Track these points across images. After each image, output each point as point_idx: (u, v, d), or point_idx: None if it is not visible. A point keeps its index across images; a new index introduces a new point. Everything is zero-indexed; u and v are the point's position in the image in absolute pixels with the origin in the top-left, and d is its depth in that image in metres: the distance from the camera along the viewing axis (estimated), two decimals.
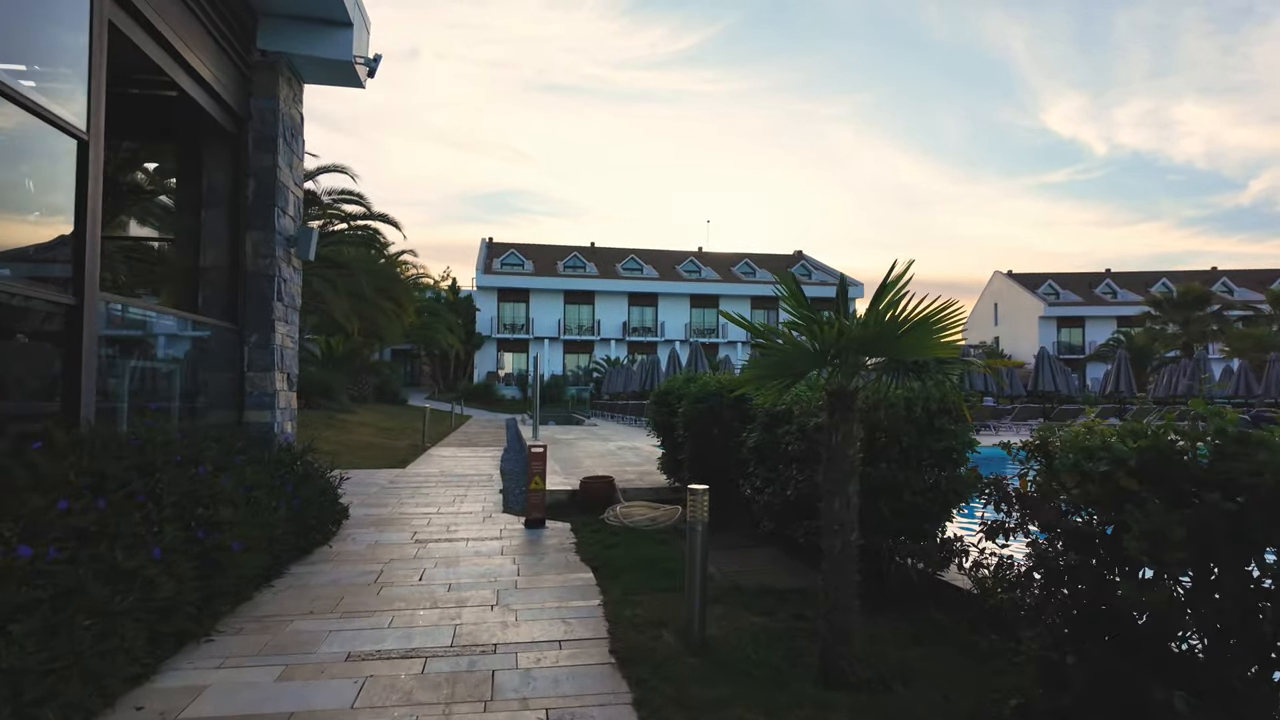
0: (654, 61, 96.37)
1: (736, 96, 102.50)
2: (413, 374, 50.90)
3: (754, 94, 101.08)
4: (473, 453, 14.42)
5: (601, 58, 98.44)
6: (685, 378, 7.67)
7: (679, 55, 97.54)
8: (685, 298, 51.96)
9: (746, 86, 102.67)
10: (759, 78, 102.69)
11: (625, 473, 9.52)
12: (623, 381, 31.17)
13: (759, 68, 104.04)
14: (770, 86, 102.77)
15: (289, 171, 6.56)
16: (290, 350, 6.68)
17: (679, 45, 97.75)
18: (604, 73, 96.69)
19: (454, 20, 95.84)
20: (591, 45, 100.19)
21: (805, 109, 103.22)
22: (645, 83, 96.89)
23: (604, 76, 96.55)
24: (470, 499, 8.43)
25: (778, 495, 4.87)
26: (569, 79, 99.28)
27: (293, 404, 6.78)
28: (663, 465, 8.04)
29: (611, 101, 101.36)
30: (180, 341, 5.64)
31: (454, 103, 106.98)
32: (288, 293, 6.55)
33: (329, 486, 6.26)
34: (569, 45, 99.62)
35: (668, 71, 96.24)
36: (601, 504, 7.61)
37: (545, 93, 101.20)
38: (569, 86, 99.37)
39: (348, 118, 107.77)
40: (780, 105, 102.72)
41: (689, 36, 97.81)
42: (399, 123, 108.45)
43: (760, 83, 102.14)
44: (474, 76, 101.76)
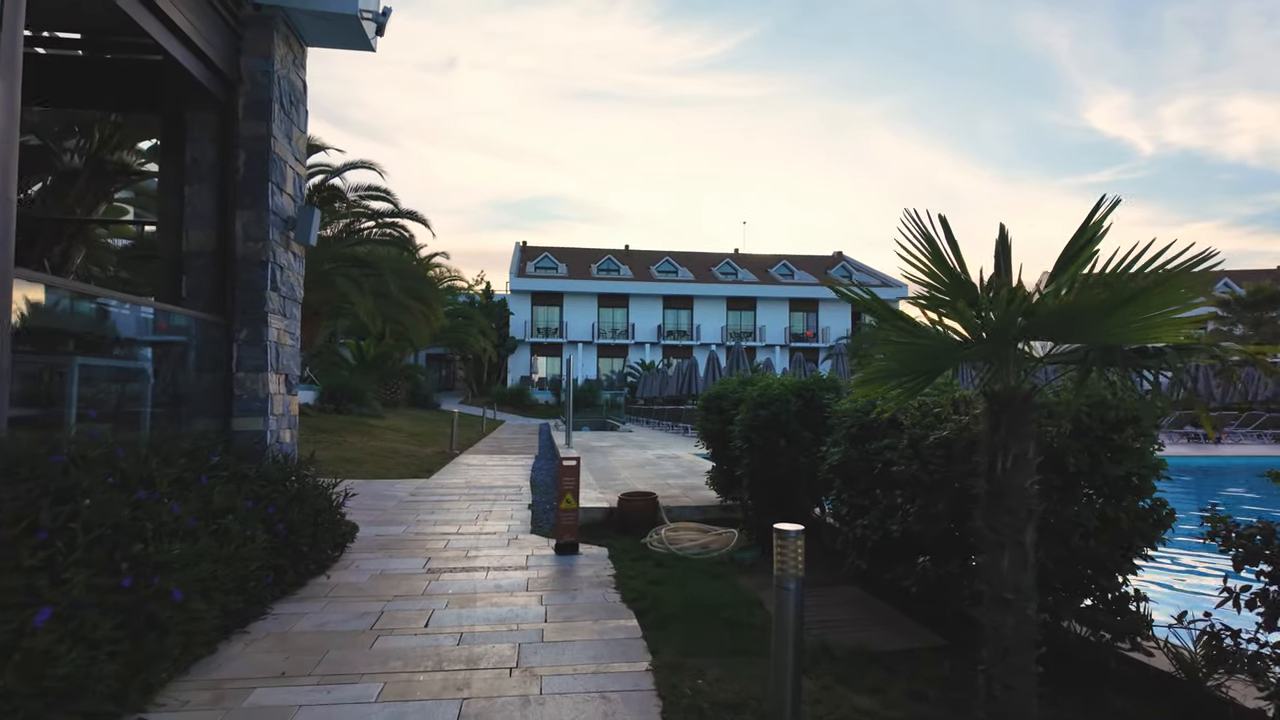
0: (686, 67, 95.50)
1: (769, 100, 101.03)
2: (447, 378, 50.62)
3: (787, 97, 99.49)
4: (501, 461, 13.57)
5: (633, 64, 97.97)
6: (740, 379, 6.64)
7: (711, 60, 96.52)
8: (721, 300, 50.77)
9: (779, 90, 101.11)
10: (792, 81, 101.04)
11: (668, 487, 8.51)
12: (658, 386, 30.17)
13: (792, 71, 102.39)
14: (803, 90, 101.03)
15: (287, 144, 5.74)
16: (289, 349, 5.85)
17: (711, 51, 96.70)
18: (636, 79, 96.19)
19: (490, 30, 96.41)
20: (623, 52, 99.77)
21: (840, 111, 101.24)
22: (677, 88, 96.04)
23: (636, 83, 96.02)
24: (495, 516, 7.52)
25: (875, 528, 3.82)
26: (602, 86, 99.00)
27: (292, 409, 5.94)
28: (713, 480, 7.01)
29: (644, 107, 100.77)
30: (154, 336, 4.82)
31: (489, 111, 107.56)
32: (285, 282, 5.71)
33: (329, 505, 5.39)
34: (601, 53, 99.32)
35: (700, 77, 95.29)
36: (642, 525, 6.62)
37: (578, 100, 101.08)
38: (602, 93, 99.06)
39: (385, 127, 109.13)
40: (814, 108, 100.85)
41: (720, 42, 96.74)
42: (435, 131, 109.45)
43: (793, 86, 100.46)
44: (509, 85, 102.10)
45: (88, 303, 4.16)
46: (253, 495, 4.50)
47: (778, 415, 5.37)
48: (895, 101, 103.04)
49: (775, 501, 5.62)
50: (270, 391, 5.42)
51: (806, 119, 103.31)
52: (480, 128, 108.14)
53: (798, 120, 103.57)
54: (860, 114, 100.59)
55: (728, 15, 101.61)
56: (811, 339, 51.26)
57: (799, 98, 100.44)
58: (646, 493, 7.01)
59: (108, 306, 4.29)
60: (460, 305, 36.92)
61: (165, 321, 4.95)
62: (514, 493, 9.29)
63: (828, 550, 5.69)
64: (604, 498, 7.60)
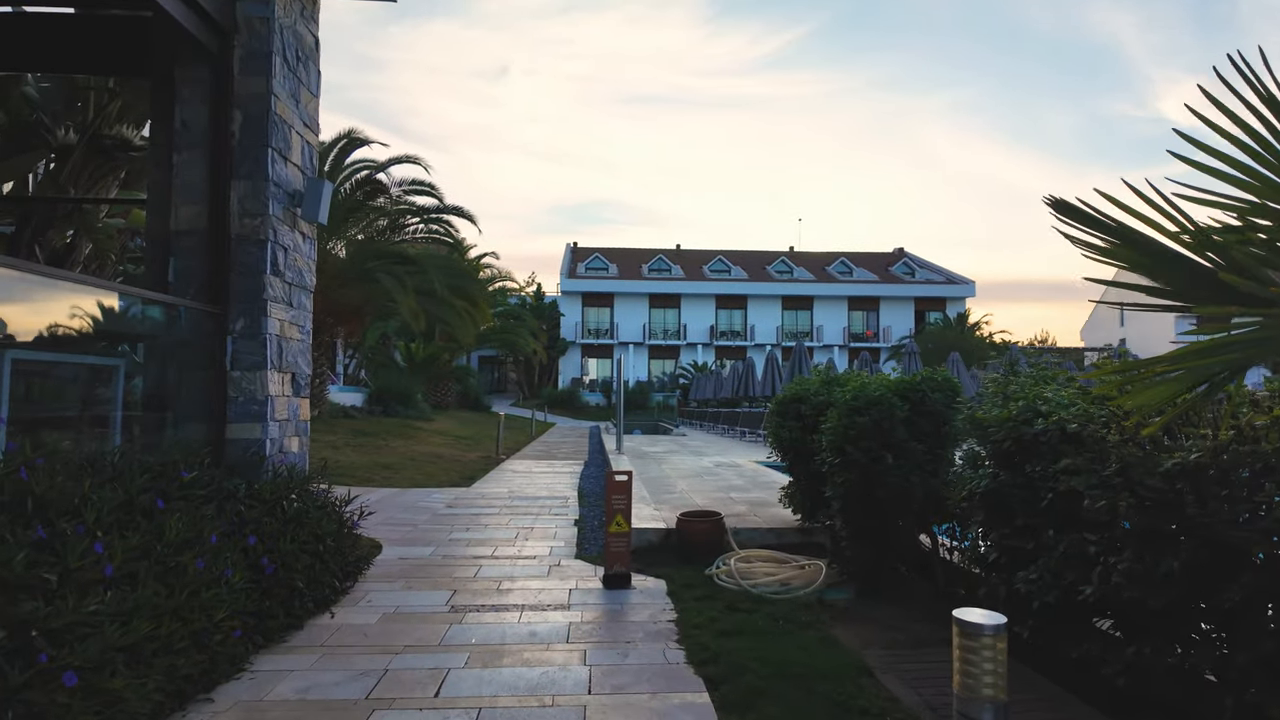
0: (737, 67, 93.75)
1: (824, 97, 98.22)
2: (499, 381, 50.54)
3: (842, 94, 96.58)
4: (549, 468, 12.72)
5: (685, 66, 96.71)
6: (822, 379, 5.55)
7: (763, 59, 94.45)
8: (776, 299, 49.21)
9: (834, 87, 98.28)
10: (847, 77, 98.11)
11: (732, 503, 7.46)
12: (712, 388, 29.04)
13: (847, 68, 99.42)
14: (860, 85, 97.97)
15: (292, 106, 4.94)
16: (296, 343, 5.05)
17: (763, 49, 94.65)
18: (687, 81, 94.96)
19: (543, 37, 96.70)
20: (675, 55, 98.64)
21: (897, 107, 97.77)
22: (729, 89, 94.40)
23: (687, 85, 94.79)
24: (537, 535, 6.60)
25: (1045, 585, 2.71)
26: (653, 89, 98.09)
27: (301, 414, 5.14)
28: (789, 498, 5.94)
29: (695, 109, 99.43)
30: (126, 328, 4.05)
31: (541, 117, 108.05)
32: (290, 265, 4.91)
33: (338, 528, 4.55)
34: (653, 56, 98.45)
35: (752, 76, 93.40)
36: (706, 551, 5.60)
37: (630, 104, 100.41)
38: (653, 97, 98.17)
39: (440, 134, 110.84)
40: (870, 104, 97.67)
41: (772, 40, 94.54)
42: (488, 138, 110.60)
43: (849, 82, 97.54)
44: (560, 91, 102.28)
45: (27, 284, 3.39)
46: (233, 521, 3.67)
47: (880, 423, 4.27)
48: (955, 95, 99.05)
49: (875, 530, 4.52)
50: (271, 393, 4.62)
51: (863, 115, 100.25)
52: (532, 134, 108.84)
53: (854, 117, 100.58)
54: (918, 109, 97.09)
55: (780, 13, 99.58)
56: (872, 339, 49.20)
57: (855, 94, 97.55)
58: (710, 512, 5.98)
59: (56, 289, 3.52)
60: (511, 307, 36.53)
61: (142, 311, 4.19)
62: (559, 505, 8.38)
63: (943, 594, 4.56)
64: (659, 515, 6.60)
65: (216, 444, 4.44)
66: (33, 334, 3.35)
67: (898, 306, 50.26)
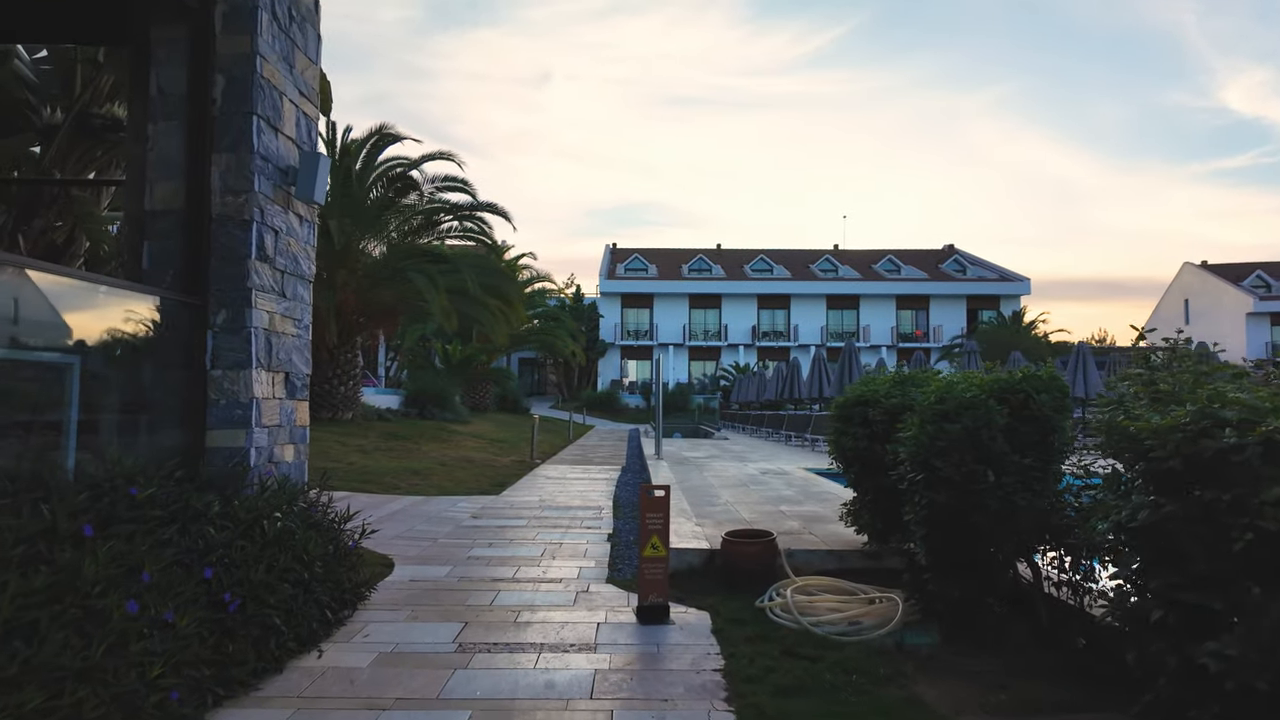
0: (778, 67, 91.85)
1: (867, 95, 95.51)
2: (538, 382, 50.37)
3: (884, 92, 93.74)
4: (584, 474, 12.09)
5: (725, 67, 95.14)
6: (893, 378, 4.75)
7: (804, 58, 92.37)
8: (820, 299, 47.87)
9: (877, 84, 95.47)
10: (891, 75, 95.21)
11: (782, 517, 6.68)
12: (755, 390, 28.12)
13: (890, 65, 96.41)
14: (903, 83, 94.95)
15: (284, 70, 4.38)
16: (291, 339, 4.48)
17: (803, 49, 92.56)
18: (727, 81, 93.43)
19: (583, 42, 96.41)
20: (714, 56, 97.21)
21: (941, 104, 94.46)
22: (769, 88, 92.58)
23: (728, 85, 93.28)
24: (565, 552, 5.94)
25: (1252, 663, 1.90)
26: (693, 91, 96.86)
27: (298, 419, 4.58)
28: (853, 515, 5.14)
29: (735, 110, 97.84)
30: (80, 321, 3.52)
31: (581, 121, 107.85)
32: (282, 250, 4.35)
33: (333, 549, 3.95)
34: (693, 58, 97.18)
35: (793, 76, 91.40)
36: (756, 576, 4.84)
37: (670, 106, 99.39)
38: (693, 98, 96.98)
39: (484, 141, 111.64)
40: (914, 102, 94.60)
41: (813, 40, 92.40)
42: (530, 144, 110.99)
43: (892, 80, 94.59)
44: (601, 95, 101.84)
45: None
46: (192, 548, 3.08)
47: (976, 432, 3.47)
48: (1001, 90, 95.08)
49: (965, 560, 3.71)
50: (257, 395, 4.05)
51: (906, 113, 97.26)
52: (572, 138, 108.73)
53: (896, 114, 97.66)
54: (964, 105, 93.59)
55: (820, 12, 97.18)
56: (922, 339, 47.47)
57: (898, 91, 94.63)
58: (761, 532, 5.22)
59: None
60: (549, 308, 36.17)
61: (104, 301, 3.65)
62: (593, 517, 7.71)
63: (1047, 638, 3.73)
64: (701, 532, 5.87)
65: (193, 454, 3.89)
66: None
67: (948, 305, 48.40)
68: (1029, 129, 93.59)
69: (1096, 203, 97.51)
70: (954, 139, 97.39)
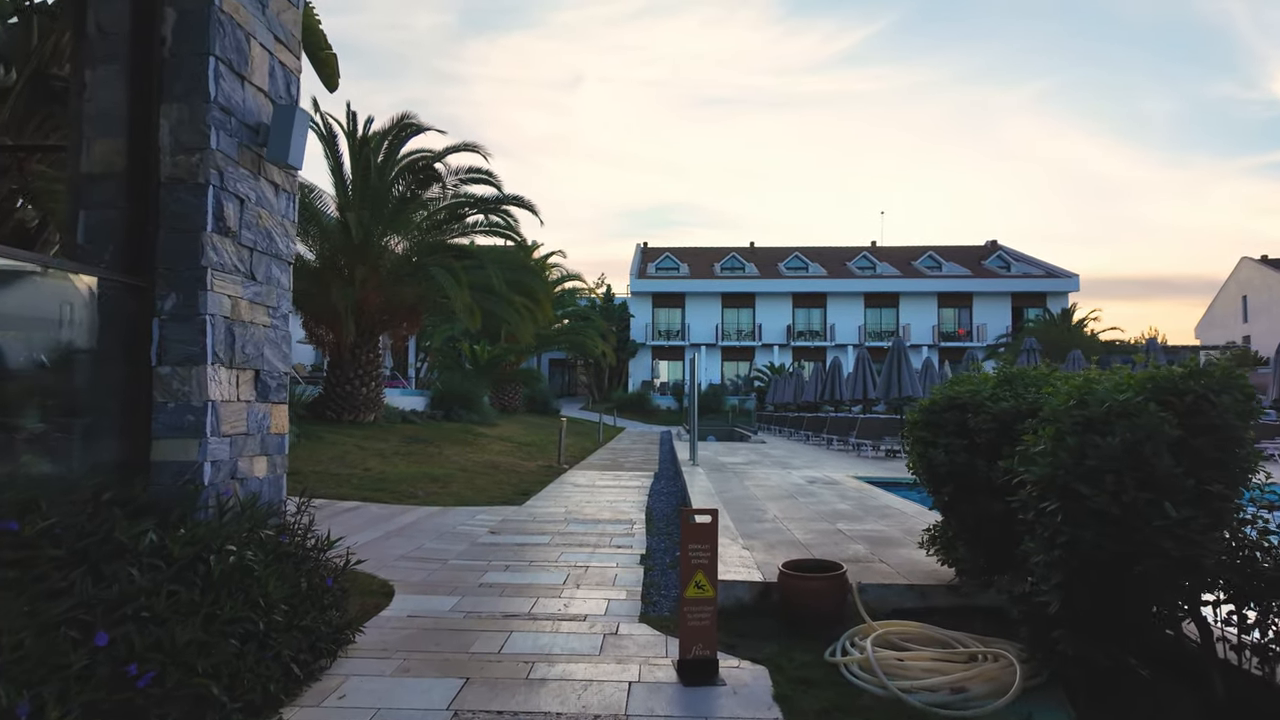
0: (811, 66, 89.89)
1: (903, 92, 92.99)
2: (568, 383, 49.82)
3: (921, 89, 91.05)
4: (615, 480, 11.29)
5: (757, 66, 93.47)
6: (996, 378, 3.83)
7: (836, 57, 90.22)
8: (858, 297, 46.43)
9: (913, 81, 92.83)
10: (926, 71, 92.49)
11: (844, 540, 5.77)
12: (792, 391, 27.06)
13: (926, 61, 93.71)
14: (939, 80, 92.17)
15: (253, 7, 3.65)
16: (263, 330, 3.75)
17: (836, 47, 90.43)
18: (760, 81, 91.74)
19: (615, 44, 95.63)
20: (747, 56, 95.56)
21: (980, 100, 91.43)
22: (802, 87, 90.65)
23: (760, 85, 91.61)
24: (592, 579, 5.13)
25: None
26: (725, 91, 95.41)
27: (273, 426, 3.84)
28: (940, 544, 4.23)
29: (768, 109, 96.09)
30: None
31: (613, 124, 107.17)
32: (250, 223, 3.62)
33: (297, 592, 3.20)
34: (724, 58, 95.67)
35: (826, 74, 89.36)
36: (822, 619, 3.98)
37: (702, 106, 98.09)
38: (725, 99, 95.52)
39: (516, 145, 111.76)
40: (951, 98, 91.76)
41: (847, 37, 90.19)
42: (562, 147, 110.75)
43: (928, 76, 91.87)
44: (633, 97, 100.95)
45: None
46: (99, 600, 2.34)
47: (1138, 447, 2.56)
48: (1040, 86, 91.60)
49: (1115, 616, 2.80)
50: (214, 396, 3.32)
51: (943, 109, 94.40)
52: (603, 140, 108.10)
53: (933, 111, 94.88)
54: (1003, 101, 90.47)
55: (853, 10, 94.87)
56: (965, 337, 45.74)
57: (935, 88, 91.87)
58: (826, 563, 4.33)
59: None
60: (580, 308, 35.52)
61: (27, 282, 2.94)
62: (623, 533, 6.90)
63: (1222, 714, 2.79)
64: (750, 558, 5.01)
65: (134, 470, 3.17)
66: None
67: (992, 302, 46.56)
68: (1070, 124, 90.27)
69: (1140, 198, 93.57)
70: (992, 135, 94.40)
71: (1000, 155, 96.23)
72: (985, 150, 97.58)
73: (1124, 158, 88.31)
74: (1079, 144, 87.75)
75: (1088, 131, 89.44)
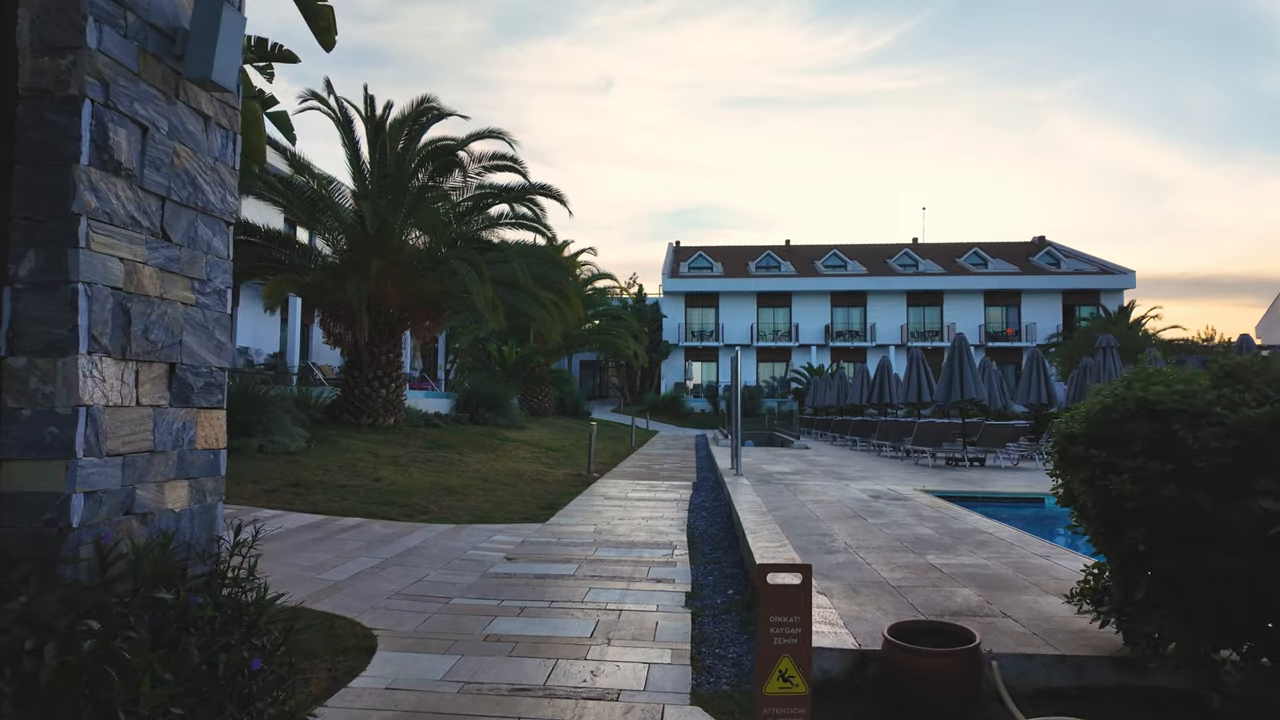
0: (844, 65, 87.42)
1: (939, 89, 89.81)
2: (600, 385, 48.92)
3: (957, 86, 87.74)
4: (649, 490, 10.21)
5: (789, 66, 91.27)
6: (1218, 371, 2.66)
7: (870, 55, 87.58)
8: (900, 295, 44.65)
9: (949, 79, 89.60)
10: (962, 69, 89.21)
11: (942, 579, 4.59)
12: (835, 393, 25.68)
13: (962, 58, 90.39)
14: (976, 76, 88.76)
15: None
16: (181, 310, 2.77)
17: (870, 46, 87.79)
18: (792, 80, 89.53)
19: (646, 47, 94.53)
20: (778, 55, 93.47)
21: (1019, 95, 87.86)
22: (835, 86, 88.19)
23: (792, 84, 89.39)
24: (626, 629, 4.06)
25: None
26: (755, 91, 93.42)
27: (198, 439, 2.85)
28: (1109, 601, 3.06)
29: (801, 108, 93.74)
30: None
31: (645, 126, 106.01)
32: (158, 161, 2.64)
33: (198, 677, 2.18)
34: (756, 58, 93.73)
35: (859, 73, 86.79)
36: (946, 709, 2.85)
37: (733, 107, 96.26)
38: (757, 99, 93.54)
39: (549, 149, 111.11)
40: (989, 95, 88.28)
41: (880, 35, 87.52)
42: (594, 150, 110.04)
43: (964, 74, 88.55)
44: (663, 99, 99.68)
45: None
46: None
47: None
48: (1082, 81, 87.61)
49: None
50: (90, 400, 2.33)
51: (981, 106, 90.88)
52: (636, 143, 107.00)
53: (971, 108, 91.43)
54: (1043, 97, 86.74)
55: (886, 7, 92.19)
56: (1013, 337, 43.65)
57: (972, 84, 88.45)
58: (946, 628, 3.18)
59: None
60: (611, 307, 34.54)
61: None
62: (663, 559, 5.82)
63: None
64: (832, 611, 3.88)
65: None
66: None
67: (1042, 300, 44.37)
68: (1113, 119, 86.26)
69: (1187, 195, 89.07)
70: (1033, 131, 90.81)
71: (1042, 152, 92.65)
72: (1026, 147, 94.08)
73: (1170, 153, 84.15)
74: (1123, 140, 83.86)
75: (1131, 127, 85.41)
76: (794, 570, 2.43)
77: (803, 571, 2.42)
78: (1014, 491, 9.55)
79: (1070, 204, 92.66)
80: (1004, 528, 6.37)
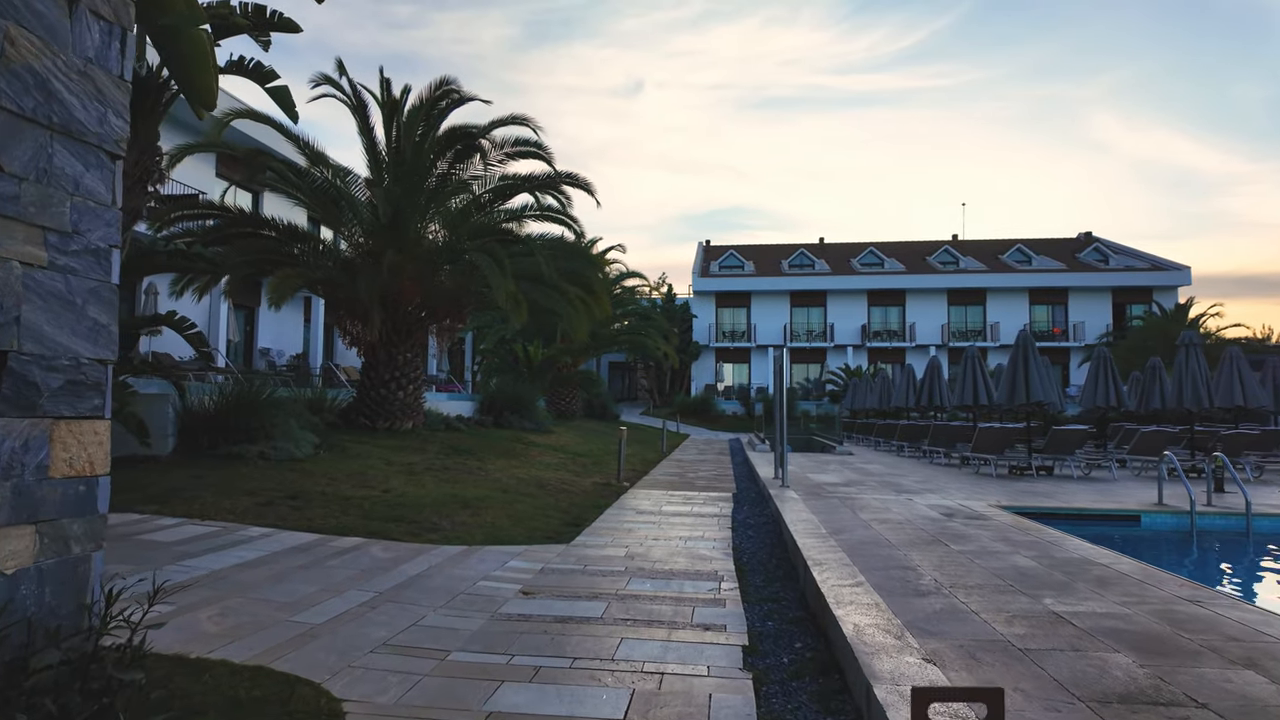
0: (876, 64, 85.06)
1: (973, 87, 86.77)
2: (629, 387, 48.03)
3: (992, 83, 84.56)
4: (686, 504, 9.22)
5: (820, 66, 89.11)
6: None
7: (903, 54, 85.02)
8: (940, 293, 42.97)
9: (983, 76, 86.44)
10: (996, 66, 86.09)
11: (1077, 637, 3.52)
12: (877, 395, 24.38)
13: (996, 55, 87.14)
14: (1012, 73, 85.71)
15: None
16: (14, 271, 1.86)
17: (902, 44, 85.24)
18: (823, 80, 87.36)
19: (675, 50, 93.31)
20: (809, 56, 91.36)
21: (1057, 91, 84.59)
22: (867, 85, 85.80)
23: (823, 84, 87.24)
24: (670, 702, 3.09)
25: None
26: (786, 92, 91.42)
27: (51, 465, 1.95)
28: None
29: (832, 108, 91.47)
30: None
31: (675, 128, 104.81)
32: None
33: None
34: (786, 59, 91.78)
35: (891, 72, 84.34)
36: None
37: (764, 108, 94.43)
38: (788, 99, 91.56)
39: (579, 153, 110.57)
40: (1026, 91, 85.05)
41: (911, 34, 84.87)
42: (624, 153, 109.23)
43: (998, 71, 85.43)
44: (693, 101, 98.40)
45: None
46: None
47: None
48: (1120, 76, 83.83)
49: None
50: None
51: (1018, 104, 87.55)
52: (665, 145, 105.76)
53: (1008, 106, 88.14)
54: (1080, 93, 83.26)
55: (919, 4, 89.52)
56: (1060, 336, 41.67)
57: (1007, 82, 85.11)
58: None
59: None
60: (641, 307, 33.59)
61: None
62: (709, 596, 4.84)
63: None
64: (940, 682, 2.86)
65: None
66: None
67: (1090, 298, 42.32)
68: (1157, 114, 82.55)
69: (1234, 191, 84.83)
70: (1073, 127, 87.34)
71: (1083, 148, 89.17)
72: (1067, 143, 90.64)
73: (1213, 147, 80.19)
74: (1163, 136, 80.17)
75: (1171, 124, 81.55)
76: (975, 697, 1.43)
77: (989, 701, 1.42)
78: (1102, 508, 8.36)
79: (1115, 200, 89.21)
80: (1122, 559, 5.26)
